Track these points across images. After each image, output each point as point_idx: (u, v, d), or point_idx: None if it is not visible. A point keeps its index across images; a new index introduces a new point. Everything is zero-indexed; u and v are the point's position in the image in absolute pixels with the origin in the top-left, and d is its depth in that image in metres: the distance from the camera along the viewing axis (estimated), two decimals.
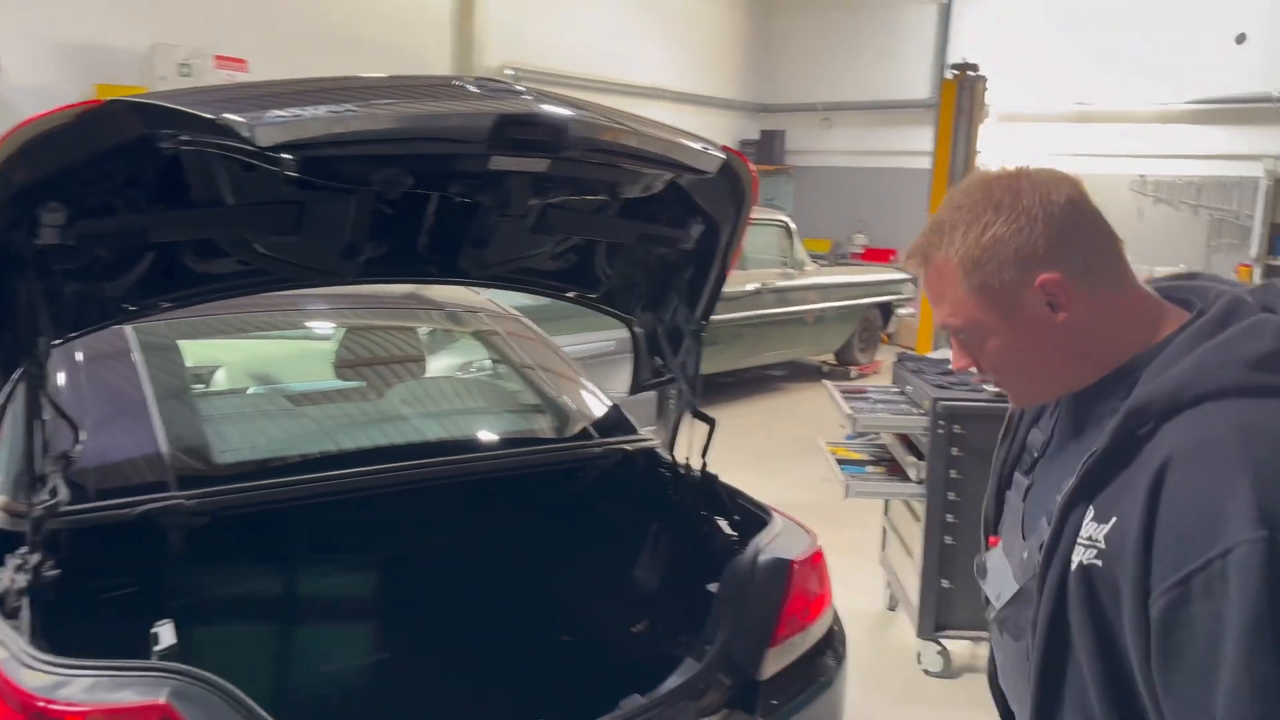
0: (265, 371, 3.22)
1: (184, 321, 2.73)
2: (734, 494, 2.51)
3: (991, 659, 1.46)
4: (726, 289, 8.25)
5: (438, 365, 3.44)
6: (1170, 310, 1.20)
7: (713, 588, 2.26)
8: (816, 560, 2.28)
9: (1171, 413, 1.08)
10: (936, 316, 1.24)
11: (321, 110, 1.58)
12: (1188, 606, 1.00)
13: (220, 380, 2.97)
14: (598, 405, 2.91)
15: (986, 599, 1.39)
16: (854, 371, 9.36)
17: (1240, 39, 9.86)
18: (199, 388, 2.84)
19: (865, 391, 4.33)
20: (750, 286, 8.13)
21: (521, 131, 1.70)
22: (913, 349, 9.65)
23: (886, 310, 9.78)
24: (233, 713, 1.55)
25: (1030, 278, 1.14)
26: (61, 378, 2.30)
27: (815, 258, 10.00)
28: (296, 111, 1.57)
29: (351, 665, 2.50)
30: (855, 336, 9.40)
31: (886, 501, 4.51)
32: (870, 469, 4.15)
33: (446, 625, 2.58)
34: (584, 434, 2.71)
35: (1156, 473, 1.05)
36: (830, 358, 9.55)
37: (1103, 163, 10.68)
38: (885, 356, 9.98)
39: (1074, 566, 1.12)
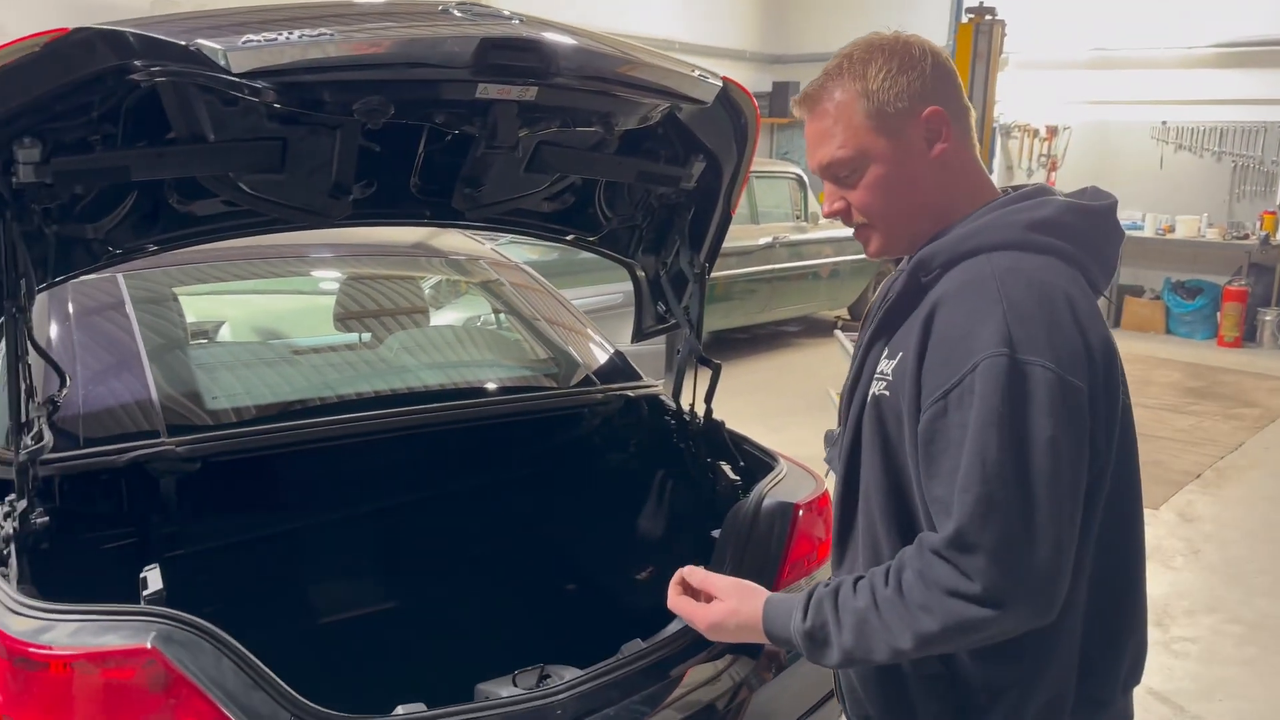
0: (265, 323, 3.18)
1: (182, 271, 2.69)
2: (739, 440, 2.46)
3: None
4: (740, 243, 8.19)
5: (440, 315, 3.39)
6: (995, 193, 1.35)
7: (717, 533, 2.22)
8: (823, 504, 2.23)
9: (952, 263, 1.25)
10: (820, 156, 1.33)
11: (297, 35, 1.52)
12: (945, 418, 1.18)
13: (218, 332, 2.93)
14: (601, 353, 2.86)
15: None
16: None
17: None
18: (196, 340, 2.79)
19: None
20: (763, 240, 8.03)
21: (507, 56, 1.63)
22: None
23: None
24: (221, 657, 1.52)
25: (920, 108, 1.28)
26: (53, 328, 2.26)
27: None
28: (271, 36, 1.51)
29: (352, 613, 2.47)
30: (870, 290, 9.29)
31: None
32: None
33: (448, 573, 2.55)
34: (586, 381, 2.66)
35: (930, 310, 1.22)
36: (844, 312, 9.46)
37: (1123, 110, 10.45)
38: None
39: (869, 399, 1.31)
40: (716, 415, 2.46)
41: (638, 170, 2.29)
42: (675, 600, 1.47)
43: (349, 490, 2.43)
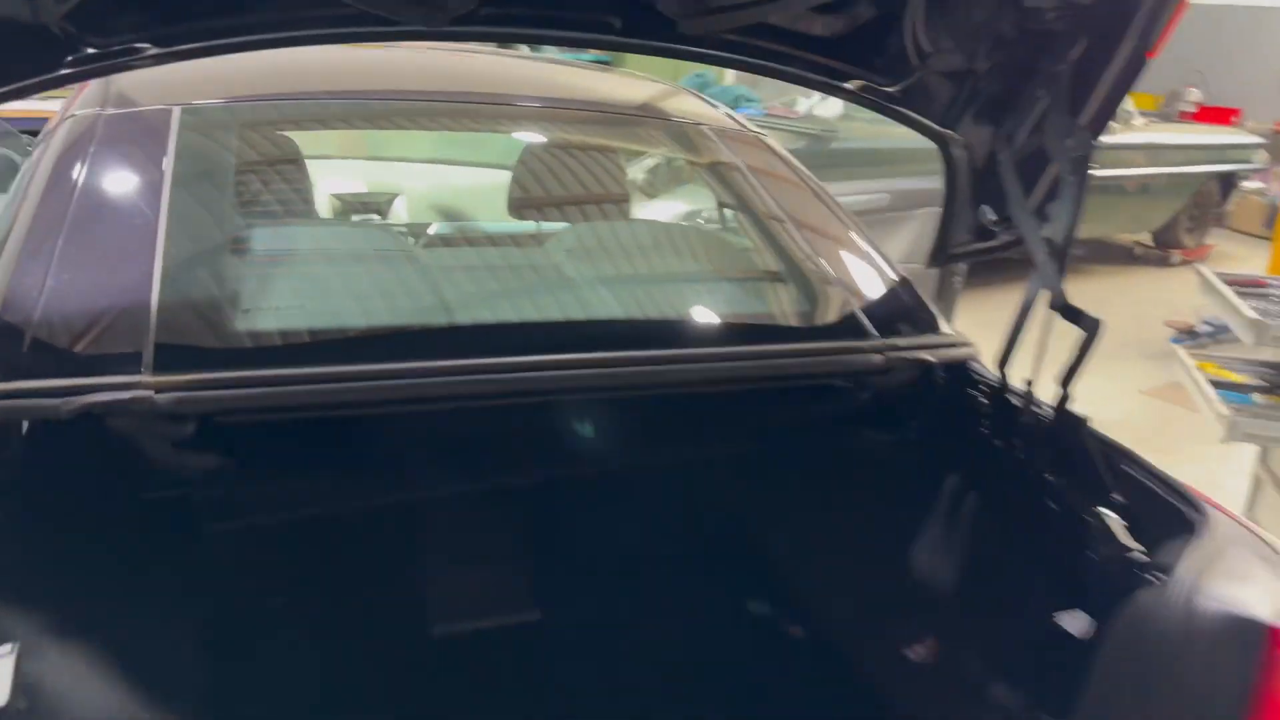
0: (381, 196, 2.34)
1: (295, 109, 1.88)
2: (1118, 455, 1.41)
3: None
4: None
5: (644, 206, 2.43)
6: None
7: (1072, 622, 1.22)
8: None
9: None
10: None
11: None
12: None
13: (310, 208, 1.99)
14: (879, 283, 1.82)
15: None
16: (1176, 256, 7.56)
17: None
18: (269, 213, 1.81)
19: (1263, 284, 2.97)
20: None
21: None
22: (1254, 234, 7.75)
23: (1227, 183, 7.80)
24: None
25: None
26: (61, 173, 1.50)
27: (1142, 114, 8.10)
28: None
29: (447, 629, 1.56)
30: (1184, 214, 7.55)
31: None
32: (1260, 399, 2.84)
33: (598, 596, 1.59)
34: (851, 325, 1.63)
35: None
36: (1145, 237, 7.77)
37: None
38: (1217, 242, 8.06)
39: None
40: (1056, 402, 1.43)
41: None
42: None
43: (454, 465, 1.54)
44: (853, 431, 1.62)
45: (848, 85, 1.53)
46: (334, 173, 2.52)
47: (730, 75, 5.75)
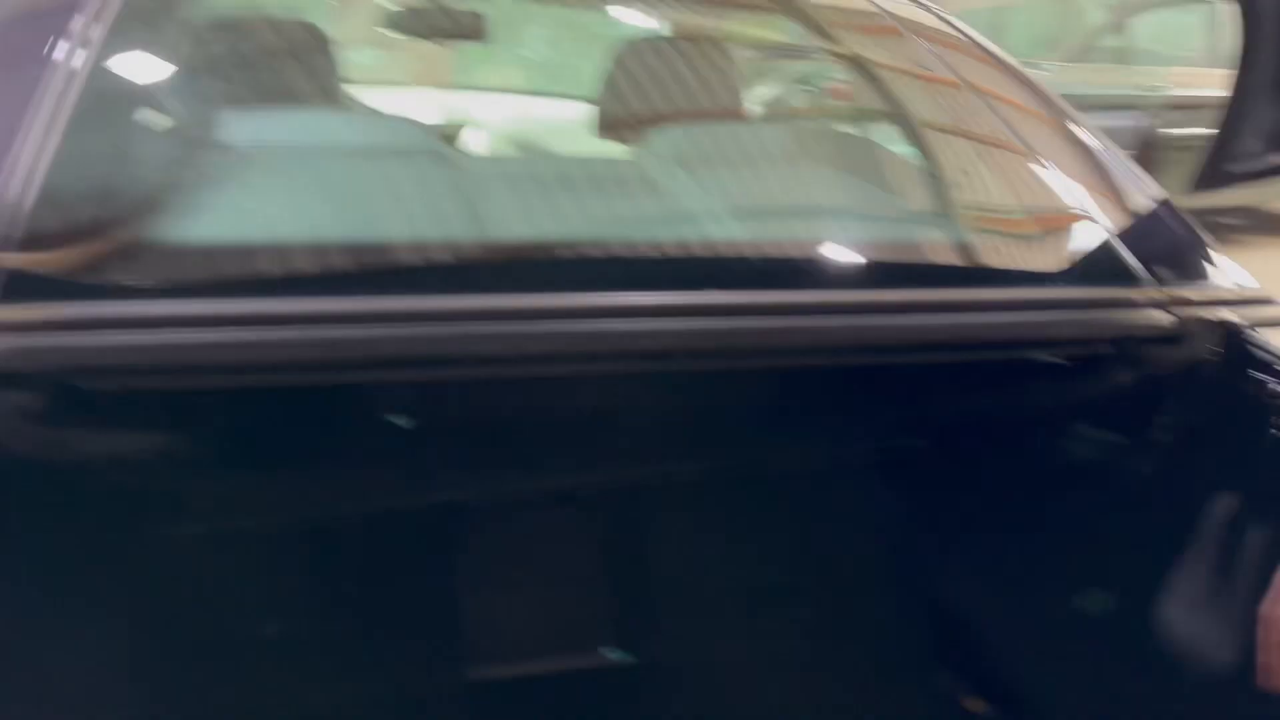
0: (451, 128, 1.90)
1: None
2: None
3: None
4: (1194, 92, 5.49)
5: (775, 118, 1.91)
6: None
7: None
8: None
9: None
10: None
11: None
12: None
13: (315, 86, 1.48)
14: (1142, 205, 1.26)
15: None
16: None
17: None
18: (240, 89, 1.28)
19: None
20: (1209, 92, 5.79)
21: None
22: None
23: None
24: None
25: None
26: None
27: None
28: None
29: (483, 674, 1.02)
30: None
31: None
32: None
33: (700, 633, 1.04)
34: (1115, 268, 1.08)
35: None
36: None
37: None
38: None
39: None
40: None
41: None
42: None
43: (488, 454, 1.01)
44: (1122, 433, 1.07)
45: None
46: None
47: None
